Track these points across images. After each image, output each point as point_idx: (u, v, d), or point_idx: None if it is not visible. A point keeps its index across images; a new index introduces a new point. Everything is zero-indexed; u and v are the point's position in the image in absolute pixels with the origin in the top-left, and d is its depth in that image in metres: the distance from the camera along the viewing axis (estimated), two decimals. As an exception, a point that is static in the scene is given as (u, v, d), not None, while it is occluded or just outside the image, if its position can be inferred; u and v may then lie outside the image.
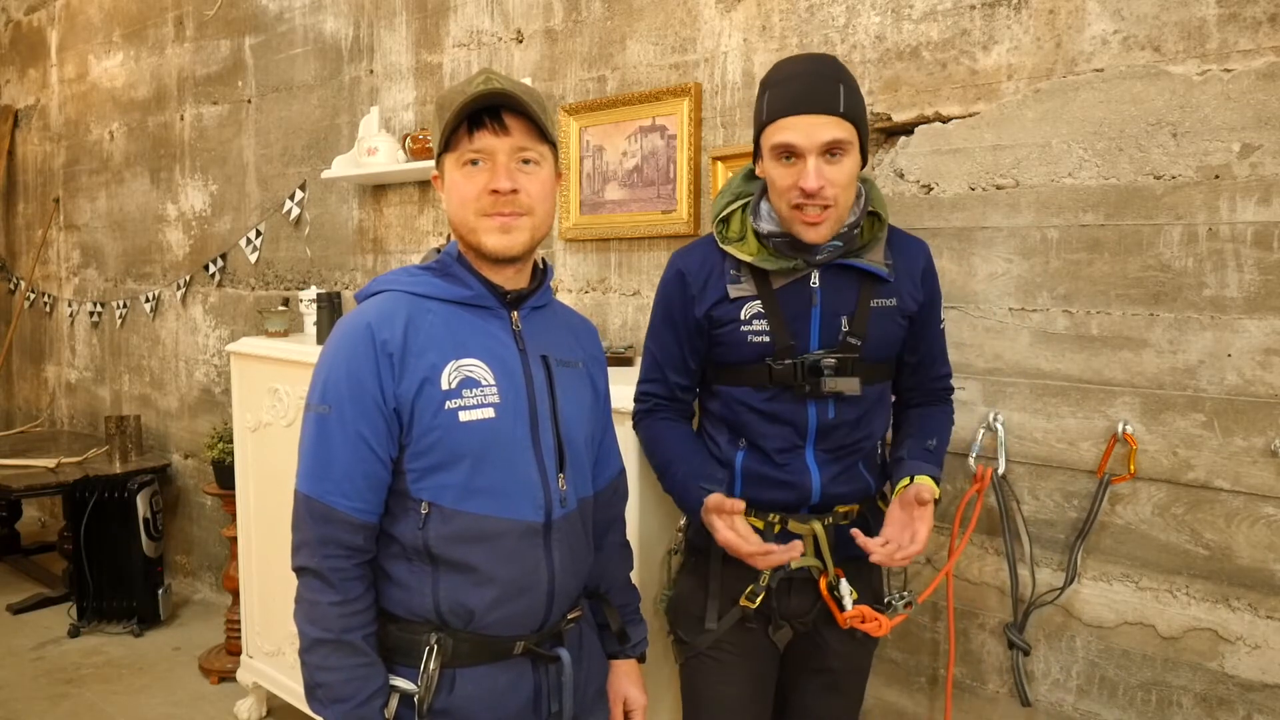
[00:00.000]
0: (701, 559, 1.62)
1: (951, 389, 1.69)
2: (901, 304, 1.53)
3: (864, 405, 1.53)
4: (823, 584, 1.54)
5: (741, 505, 1.44)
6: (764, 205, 1.51)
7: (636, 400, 1.67)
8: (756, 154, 1.49)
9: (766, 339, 1.48)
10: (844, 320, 1.49)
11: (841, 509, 1.56)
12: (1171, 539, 1.66)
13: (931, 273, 1.58)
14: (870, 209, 1.50)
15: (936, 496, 1.46)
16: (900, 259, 1.54)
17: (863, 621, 1.50)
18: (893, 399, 1.67)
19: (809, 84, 1.39)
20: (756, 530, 1.50)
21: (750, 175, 1.56)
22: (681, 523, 1.72)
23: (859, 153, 1.43)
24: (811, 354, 1.48)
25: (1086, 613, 1.75)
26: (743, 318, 1.50)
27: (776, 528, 1.54)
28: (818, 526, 1.53)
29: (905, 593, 1.63)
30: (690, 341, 1.57)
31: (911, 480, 1.48)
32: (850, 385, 1.47)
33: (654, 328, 1.62)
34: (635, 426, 1.68)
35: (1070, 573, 1.74)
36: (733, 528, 1.43)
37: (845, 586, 1.52)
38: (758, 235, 1.49)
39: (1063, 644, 1.78)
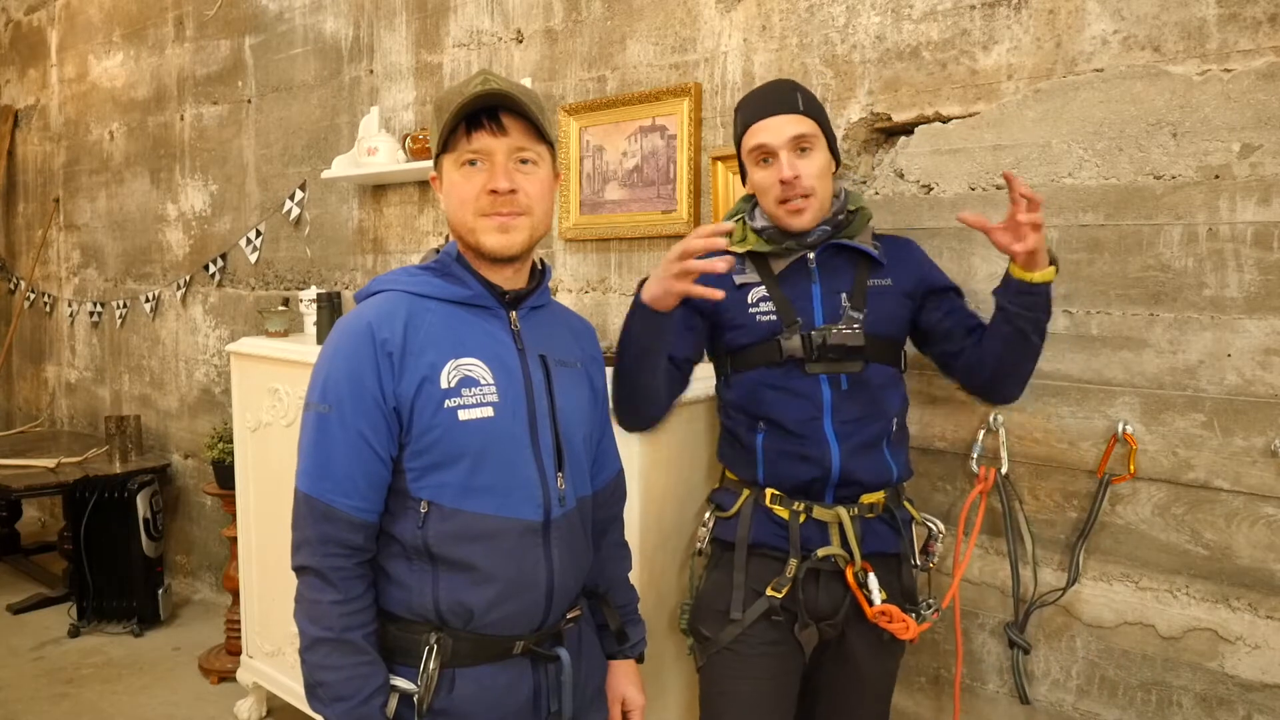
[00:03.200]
0: (728, 553, 1.63)
1: None
2: (898, 284, 1.64)
3: (876, 381, 1.59)
4: (849, 573, 1.55)
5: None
6: (758, 210, 1.67)
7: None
8: (743, 173, 1.67)
9: (774, 317, 1.59)
10: (844, 296, 1.60)
11: (867, 500, 1.58)
12: (1171, 539, 1.66)
13: (926, 258, 1.72)
14: (851, 208, 1.66)
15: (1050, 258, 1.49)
16: (890, 248, 1.67)
17: (890, 620, 1.50)
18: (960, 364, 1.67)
19: (769, 93, 1.63)
20: (781, 520, 1.58)
21: (749, 197, 1.72)
22: (706, 516, 1.70)
23: (828, 150, 1.60)
24: (819, 329, 1.57)
25: (1086, 613, 1.75)
26: (750, 301, 1.62)
27: (802, 516, 1.57)
28: (843, 513, 1.56)
29: (931, 600, 1.63)
30: (689, 318, 1.63)
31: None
32: (854, 337, 1.57)
33: None
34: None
35: (1072, 573, 1.74)
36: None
37: (874, 581, 1.54)
38: (754, 232, 1.65)
39: (1062, 644, 1.78)
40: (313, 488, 1.20)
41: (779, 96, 1.59)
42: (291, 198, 3.37)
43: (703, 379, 1.78)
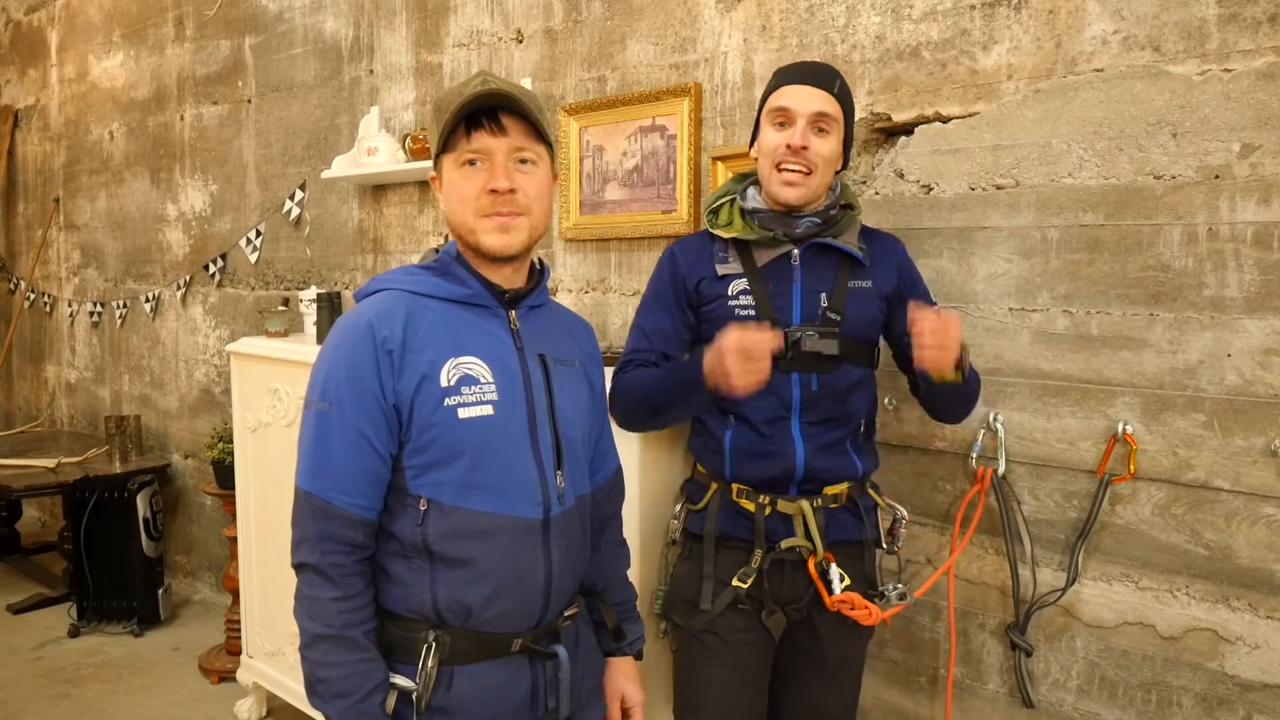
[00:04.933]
0: (697, 545, 1.66)
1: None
2: (877, 286, 1.64)
3: (846, 381, 1.60)
4: (810, 564, 1.58)
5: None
6: (750, 190, 1.66)
7: (619, 368, 1.69)
8: (754, 137, 1.65)
9: (752, 313, 1.59)
10: (823, 297, 1.59)
11: (830, 490, 1.61)
12: (1171, 539, 1.66)
13: (907, 260, 1.71)
14: (844, 203, 1.66)
15: (961, 360, 1.49)
16: (874, 247, 1.67)
17: (851, 608, 1.53)
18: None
19: (811, 66, 1.63)
20: (747, 512, 1.61)
21: (740, 178, 1.70)
22: (677, 508, 1.74)
23: (841, 143, 1.60)
24: (797, 328, 1.56)
25: (1086, 613, 1.75)
26: (730, 293, 1.61)
27: (768, 509, 1.60)
28: (806, 506, 1.59)
29: (899, 585, 1.64)
30: (681, 314, 1.67)
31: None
32: (829, 346, 1.56)
33: (645, 304, 1.72)
34: (612, 385, 1.65)
35: (1072, 573, 1.74)
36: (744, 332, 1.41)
37: (835, 570, 1.57)
38: (743, 214, 1.64)
39: (1062, 644, 1.78)
40: (313, 485, 1.20)
41: (819, 72, 1.59)
42: (291, 198, 3.37)
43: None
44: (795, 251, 1.60)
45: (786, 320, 1.58)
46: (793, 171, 1.55)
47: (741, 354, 1.38)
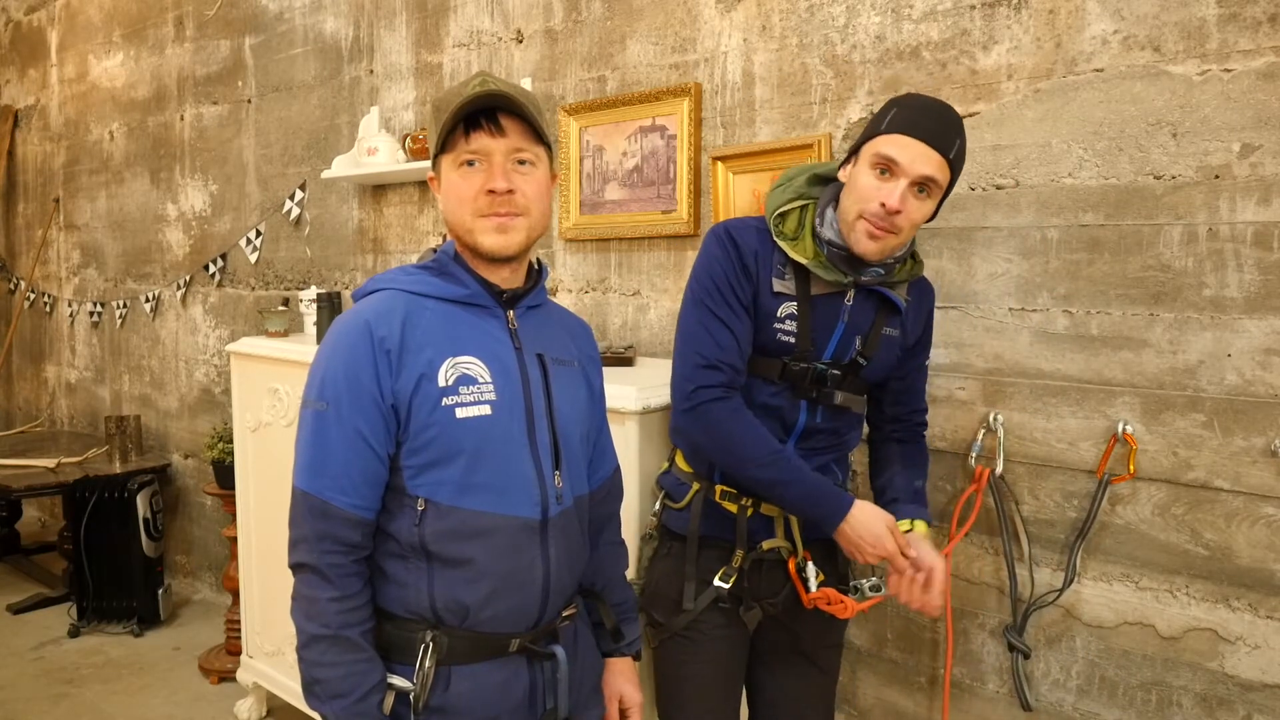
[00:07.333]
0: (677, 544, 1.66)
1: (926, 425, 1.73)
2: (904, 336, 1.62)
3: (847, 420, 1.63)
4: (791, 565, 1.61)
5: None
6: (830, 212, 1.53)
7: (701, 388, 1.51)
8: (849, 158, 1.52)
9: (791, 340, 1.54)
10: (857, 340, 1.57)
11: None
12: (1171, 539, 1.66)
13: (932, 315, 1.68)
14: (911, 250, 1.59)
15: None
16: (912, 293, 1.63)
17: (828, 604, 1.56)
18: (866, 430, 1.75)
19: (936, 120, 1.46)
20: (729, 513, 1.61)
21: (816, 180, 1.59)
22: (657, 507, 1.73)
23: (938, 204, 1.50)
24: (823, 363, 1.55)
25: (1086, 613, 1.75)
26: (778, 314, 1.54)
27: (749, 510, 1.60)
28: None
29: (872, 577, 1.63)
30: (751, 320, 1.53)
31: (912, 525, 1.56)
32: (858, 403, 1.59)
33: (709, 297, 1.53)
34: (706, 413, 1.51)
35: (1069, 573, 1.74)
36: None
37: (811, 569, 1.59)
38: (816, 239, 1.53)
39: (1062, 644, 1.78)
40: (310, 485, 1.20)
41: (941, 128, 1.44)
42: (291, 198, 3.37)
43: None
44: (851, 293, 1.54)
45: (818, 353, 1.55)
46: (880, 229, 1.45)
47: (879, 557, 1.48)
